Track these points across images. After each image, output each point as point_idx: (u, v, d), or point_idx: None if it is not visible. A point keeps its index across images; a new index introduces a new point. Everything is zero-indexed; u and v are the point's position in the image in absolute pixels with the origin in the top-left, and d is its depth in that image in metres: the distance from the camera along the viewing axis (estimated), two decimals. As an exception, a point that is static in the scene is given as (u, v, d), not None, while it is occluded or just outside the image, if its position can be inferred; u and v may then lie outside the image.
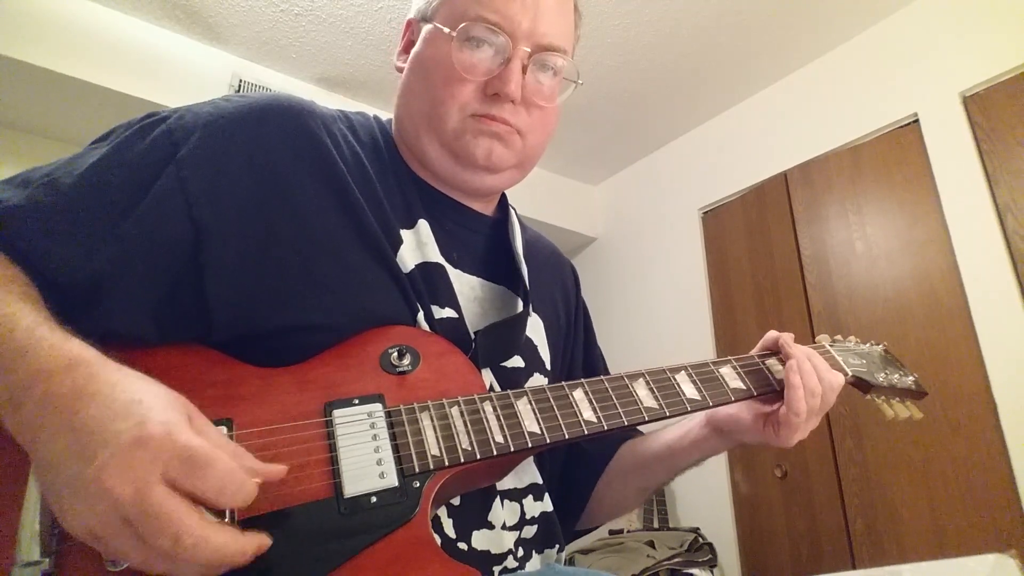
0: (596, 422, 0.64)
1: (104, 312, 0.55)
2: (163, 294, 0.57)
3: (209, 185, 0.59)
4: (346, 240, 0.64)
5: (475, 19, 0.69)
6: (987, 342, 2.03)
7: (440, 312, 0.68)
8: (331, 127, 0.70)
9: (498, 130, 0.72)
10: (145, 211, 0.57)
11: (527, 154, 0.77)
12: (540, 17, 0.71)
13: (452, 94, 0.71)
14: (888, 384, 0.86)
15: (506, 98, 0.70)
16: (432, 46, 0.73)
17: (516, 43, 0.70)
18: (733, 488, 2.70)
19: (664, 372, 0.72)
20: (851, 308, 2.42)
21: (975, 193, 2.14)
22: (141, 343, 0.56)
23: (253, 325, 0.59)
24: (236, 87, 2.63)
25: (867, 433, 2.27)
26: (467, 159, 0.73)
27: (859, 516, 2.24)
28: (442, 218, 0.75)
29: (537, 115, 0.75)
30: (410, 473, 0.54)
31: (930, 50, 2.36)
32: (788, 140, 2.79)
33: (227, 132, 0.62)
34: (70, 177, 0.57)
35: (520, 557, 0.67)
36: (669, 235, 3.27)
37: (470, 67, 0.70)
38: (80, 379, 0.45)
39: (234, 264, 0.59)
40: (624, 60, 2.75)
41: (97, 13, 2.40)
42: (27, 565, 0.44)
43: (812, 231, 2.62)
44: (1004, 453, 1.93)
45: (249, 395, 0.55)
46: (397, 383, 0.60)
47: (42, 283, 0.53)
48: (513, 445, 0.59)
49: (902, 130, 2.41)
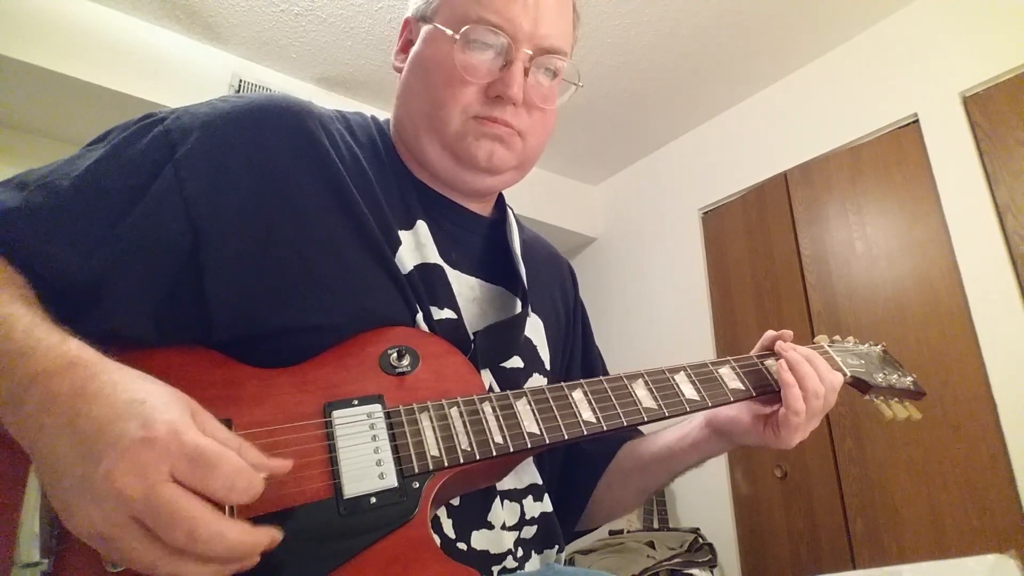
0: (595, 423, 0.64)
1: (103, 314, 0.54)
2: (162, 295, 0.57)
3: (208, 186, 0.59)
4: (345, 240, 0.64)
5: (477, 21, 0.69)
6: (987, 342, 2.03)
7: (439, 313, 0.68)
8: (329, 127, 0.70)
9: (500, 132, 0.72)
10: (143, 212, 0.57)
11: (527, 155, 0.77)
12: (541, 19, 0.71)
13: (454, 96, 0.71)
14: (887, 384, 0.86)
15: (509, 101, 0.70)
16: (432, 47, 0.73)
17: (518, 45, 0.70)
18: (733, 488, 2.70)
19: (663, 373, 0.72)
20: (851, 308, 2.42)
21: (975, 193, 2.14)
22: (140, 344, 0.56)
23: (252, 326, 0.59)
24: (236, 87, 2.63)
25: (867, 433, 2.27)
26: (468, 161, 0.73)
27: (859, 516, 2.24)
28: (440, 219, 0.75)
29: (537, 116, 0.75)
30: (409, 474, 0.54)
31: (930, 50, 2.36)
32: (788, 140, 2.79)
33: (225, 132, 0.62)
34: (67, 179, 0.57)
35: (520, 557, 0.67)
36: (669, 235, 3.27)
37: (472, 69, 0.70)
38: (80, 379, 0.45)
39: (233, 265, 0.59)
40: (624, 60, 2.75)
41: (97, 13, 2.40)
42: (26, 566, 0.44)
43: (812, 231, 2.62)
44: (1004, 453, 1.93)
45: (248, 396, 0.55)
46: (396, 384, 0.60)
47: (40, 286, 0.53)
48: (512, 446, 0.59)
49: (902, 130, 2.41)
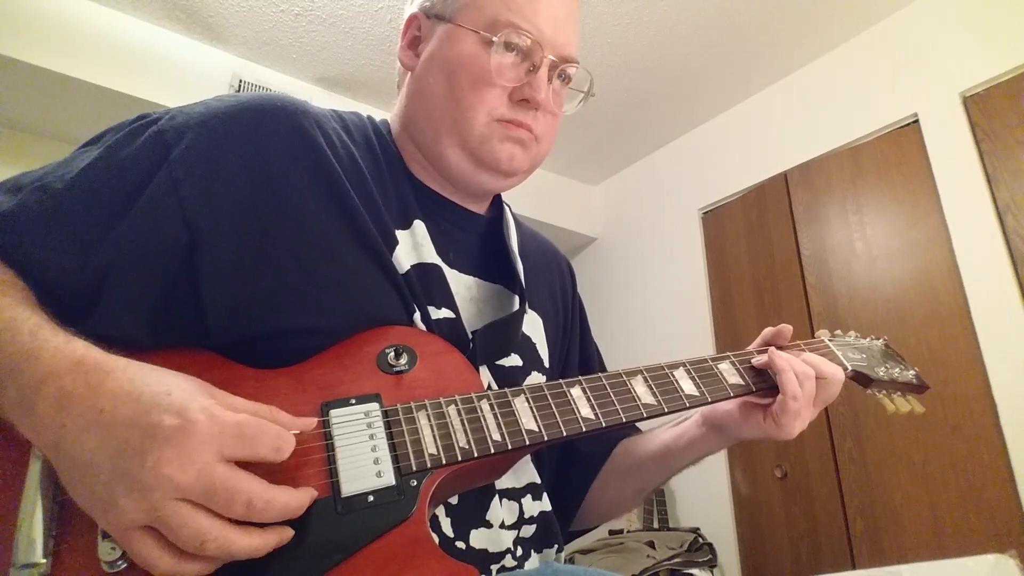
0: (594, 419, 0.64)
1: (99, 317, 0.54)
2: (158, 298, 0.57)
3: (203, 187, 0.59)
4: (342, 241, 0.64)
5: (507, 25, 0.70)
6: (987, 342, 2.03)
7: (437, 313, 0.68)
8: (325, 126, 0.69)
9: (522, 136, 0.73)
10: (138, 214, 0.56)
11: (539, 159, 0.78)
12: (559, 28, 0.73)
13: (481, 98, 0.71)
14: (889, 378, 0.85)
15: (535, 105, 0.72)
16: (456, 47, 0.72)
17: (544, 51, 0.72)
18: (733, 488, 2.70)
19: (662, 369, 0.72)
20: (851, 308, 2.41)
21: (975, 193, 2.14)
22: (135, 347, 0.55)
23: (250, 328, 0.59)
24: (236, 87, 2.63)
25: (867, 433, 2.27)
26: (491, 163, 0.73)
27: (859, 516, 2.24)
28: (438, 218, 0.75)
29: (550, 122, 0.77)
30: (407, 472, 0.54)
31: (930, 50, 2.36)
32: (788, 140, 2.78)
33: (220, 132, 0.61)
34: (61, 182, 0.56)
35: (519, 556, 0.67)
36: (669, 235, 3.27)
37: (503, 72, 0.71)
38: (93, 377, 0.45)
39: (230, 266, 0.58)
40: (624, 60, 2.75)
41: (97, 13, 2.40)
42: (25, 567, 0.44)
43: (812, 231, 2.62)
44: (1004, 453, 1.93)
45: (245, 397, 0.55)
46: (394, 383, 0.60)
47: (37, 290, 0.53)
48: (511, 443, 0.59)
49: (902, 130, 2.41)
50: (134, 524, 0.42)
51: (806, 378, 0.73)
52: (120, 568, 0.45)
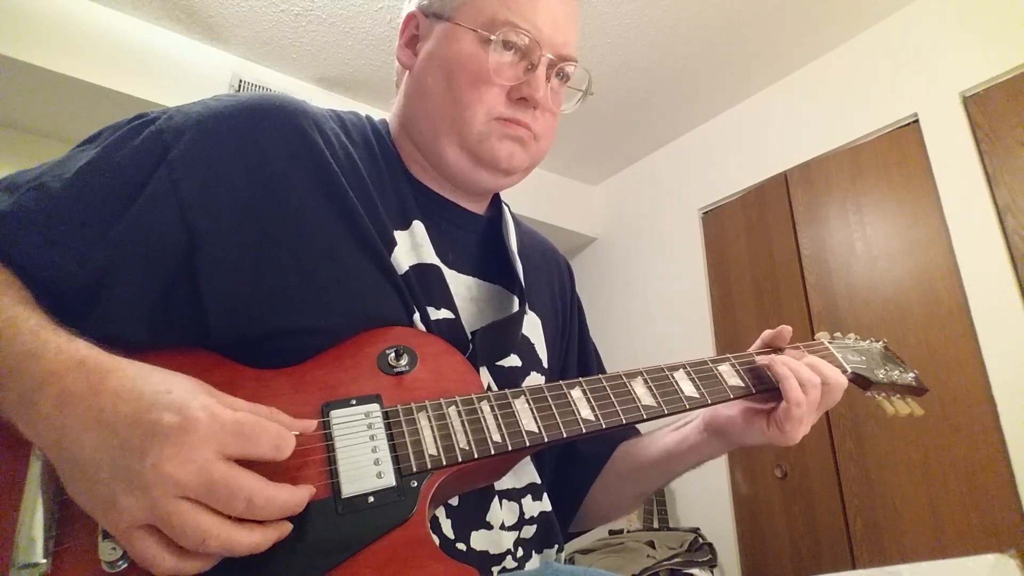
0: (594, 421, 0.64)
1: (98, 317, 0.54)
2: (157, 298, 0.56)
3: (202, 187, 0.58)
4: (341, 241, 0.64)
5: (506, 23, 0.70)
6: (987, 342, 2.03)
7: (436, 313, 0.68)
8: (323, 126, 0.69)
9: (521, 134, 0.73)
10: (137, 215, 0.56)
11: (537, 158, 0.78)
12: (559, 27, 0.73)
13: (480, 97, 0.71)
14: (888, 381, 0.86)
15: (534, 104, 0.72)
16: (455, 46, 0.72)
17: (543, 50, 0.72)
18: (733, 488, 2.70)
19: (662, 370, 0.71)
20: (851, 308, 2.41)
21: (975, 193, 2.14)
22: (136, 347, 0.55)
23: (250, 328, 0.59)
24: (236, 87, 2.63)
25: (867, 433, 2.27)
26: (490, 161, 0.73)
27: (859, 516, 2.24)
28: (437, 218, 0.75)
29: (549, 120, 0.77)
30: (408, 473, 0.54)
31: (930, 50, 2.36)
32: (788, 140, 2.78)
33: (219, 132, 0.61)
34: (58, 181, 0.56)
35: (519, 557, 0.67)
36: (669, 235, 3.27)
37: (501, 71, 0.71)
38: (95, 377, 0.46)
39: (229, 267, 0.58)
40: (624, 60, 2.75)
41: (97, 13, 2.40)
42: (25, 567, 0.44)
43: (812, 231, 2.62)
44: (1004, 454, 1.93)
45: (246, 397, 0.55)
46: (394, 383, 0.60)
47: (35, 290, 0.52)
48: (511, 444, 0.59)
49: (902, 130, 2.41)
50: (135, 523, 0.42)
51: (812, 386, 0.72)
52: (121, 568, 0.45)
